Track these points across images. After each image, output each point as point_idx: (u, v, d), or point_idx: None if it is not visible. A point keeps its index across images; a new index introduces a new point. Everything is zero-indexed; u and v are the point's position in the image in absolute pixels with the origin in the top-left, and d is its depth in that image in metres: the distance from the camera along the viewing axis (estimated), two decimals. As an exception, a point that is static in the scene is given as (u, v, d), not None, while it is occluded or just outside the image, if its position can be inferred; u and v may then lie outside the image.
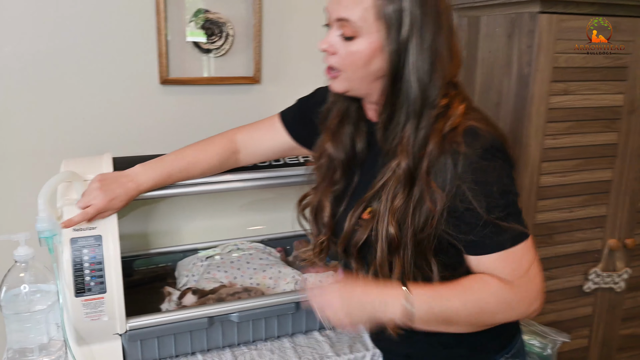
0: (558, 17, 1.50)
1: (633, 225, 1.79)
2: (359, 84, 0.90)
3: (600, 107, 1.63)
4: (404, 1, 0.82)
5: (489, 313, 0.88)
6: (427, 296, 0.86)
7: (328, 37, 0.89)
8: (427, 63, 0.84)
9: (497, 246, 0.86)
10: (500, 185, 0.84)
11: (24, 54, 1.44)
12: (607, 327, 1.87)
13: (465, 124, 0.85)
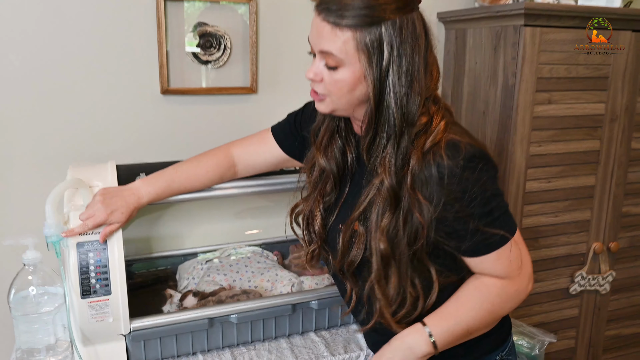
0: (541, 30, 1.52)
1: (617, 229, 1.80)
2: (345, 107, 0.92)
3: (583, 115, 1.65)
4: (382, 30, 0.83)
5: (498, 309, 0.95)
6: (441, 321, 0.93)
7: (313, 67, 0.90)
8: (405, 86, 0.86)
9: (487, 248, 0.90)
10: (484, 192, 0.87)
11: (31, 65, 1.45)
12: (593, 328, 1.87)
13: (447, 138, 0.87)
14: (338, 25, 0.84)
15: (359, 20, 0.83)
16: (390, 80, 0.85)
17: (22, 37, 1.43)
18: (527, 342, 1.52)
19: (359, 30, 0.83)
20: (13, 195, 1.49)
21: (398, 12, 0.84)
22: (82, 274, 1.05)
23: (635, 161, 1.77)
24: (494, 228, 0.89)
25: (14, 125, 1.47)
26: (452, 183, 0.85)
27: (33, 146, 1.50)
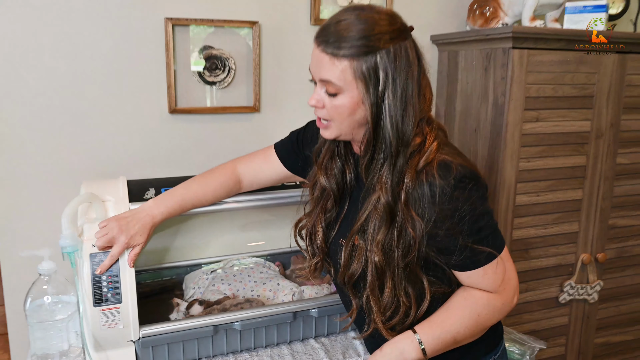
0: (528, 52, 1.54)
1: (603, 240, 1.80)
2: (347, 130, 0.94)
3: (570, 132, 1.65)
4: (377, 59, 0.86)
5: (484, 320, 0.96)
6: (430, 329, 0.95)
7: (315, 94, 0.93)
8: (400, 109, 0.88)
9: (475, 264, 0.92)
10: (473, 211, 0.89)
11: (48, 87, 1.47)
12: (582, 336, 1.87)
13: (439, 159, 0.89)
14: (336, 55, 0.86)
15: (355, 50, 0.85)
16: (386, 104, 0.88)
17: (39, 62, 1.46)
18: (518, 348, 1.52)
19: (356, 59, 0.86)
20: (30, 209, 1.51)
21: (392, 42, 0.86)
22: (94, 284, 1.07)
23: (621, 175, 1.78)
24: (482, 245, 0.91)
25: (32, 144, 1.49)
26: (443, 201, 0.87)
27: (49, 163, 1.51)
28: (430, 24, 1.87)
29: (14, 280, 1.52)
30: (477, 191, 0.90)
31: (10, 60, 1.44)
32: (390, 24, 0.88)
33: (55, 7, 1.45)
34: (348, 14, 0.88)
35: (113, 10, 1.50)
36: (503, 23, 1.73)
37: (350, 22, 0.87)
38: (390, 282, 0.94)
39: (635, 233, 1.87)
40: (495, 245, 0.93)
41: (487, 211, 0.92)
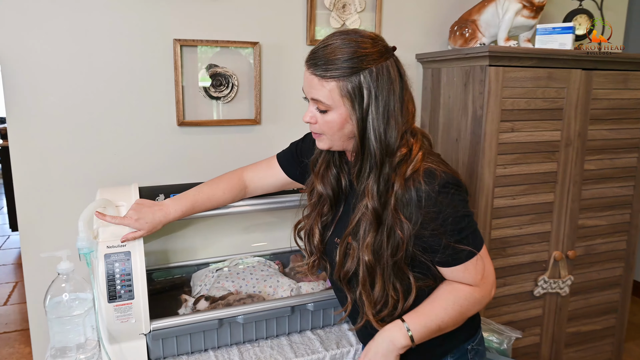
0: (503, 69, 1.55)
1: (574, 239, 1.81)
2: (338, 142, 0.96)
3: (542, 141, 1.67)
4: (361, 78, 0.88)
5: (465, 310, 0.97)
6: (418, 318, 0.96)
7: (308, 112, 0.96)
8: (383, 123, 0.90)
9: (457, 261, 0.94)
10: (456, 213, 0.90)
11: (68, 103, 1.47)
12: (555, 326, 1.87)
13: (424, 167, 0.91)
14: (324, 77, 0.89)
15: (341, 72, 0.88)
16: (370, 119, 0.90)
17: (59, 81, 1.46)
18: (496, 337, 1.52)
19: (342, 80, 0.88)
20: (50, 214, 1.51)
21: (374, 62, 0.88)
22: (109, 281, 1.07)
23: (588, 180, 1.79)
24: (463, 244, 0.92)
25: (53, 155, 1.49)
26: (428, 205, 0.89)
27: (69, 172, 1.51)
28: (415, 44, 1.88)
29: (35, 279, 1.51)
30: (458, 195, 0.91)
31: (35, 83, 1.44)
32: (373, 46, 0.90)
33: (75, 29, 1.46)
34: (334, 39, 0.91)
35: (127, 33, 1.51)
36: (481, 43, 1.74)
37: (336, 46, 0.89)
38: (380, 278, 0.95)
39: (601, 232, 1.88)
40: (475, 243, 0.94)
41: (468, 213, 0.93)
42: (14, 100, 1.43)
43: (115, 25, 1.49)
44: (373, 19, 1.78)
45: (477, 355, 1.06)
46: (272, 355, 1.20)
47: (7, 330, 2.66)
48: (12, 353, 2.43)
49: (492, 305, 1.74)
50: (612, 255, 1.92)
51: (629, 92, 1.78)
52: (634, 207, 1.91)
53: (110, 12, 1.48)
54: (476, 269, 0.95)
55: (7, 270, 3.52)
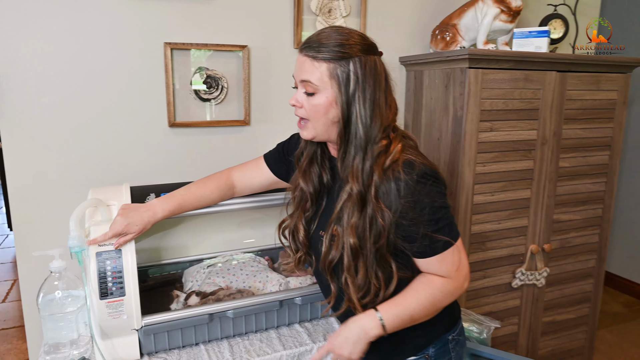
0: (482, 71, 1.55)
1: (549, 233, 1.82)
2: (322, 129, 0.95)
3: (519, 140, 1.67)
4: (350, 65, 0.89)
5: (438, 302, 0.96)
6: (391, 308, 0.94)
7: (296, 95, 0.95)
8: (369, 110, 0.90)
9: (433, 252, 0.93)
10: (433, 204, 0.89)
11: (58, 104, 1.45)
12: (532, 316, 1.88)
13: (404, 158, 0.90)
14: (316, 58, 0.90)
15: (332, 55, 0.89)
16: (355, 104, 0.90)
17: (51, 83, 1.43)
18: (476, 327, 1.52)
19: (332, 62, 0.89)
20: (44, 214, 1.48)
21: (363, 53, 0.90)
22: (100, 279, 1.05)
23: (563, 177, 1.80)
24: (439, 234, 0.91)
25: (45, 155, 1.46)
26: (407, 194, 0.88)
27: (61, 173, 1.48)
28: (399, 47, 1.87)
29: (29, 277, 1.48)
30: (436, 187, 0.90)
31: (27, 85, 1.41)
32: (363, 39, 0.93)
33: (67, 33, 1.43)
34: (328, 29, 0.94)
35: (119, 37, 1.48)
36: (461, 46, 1.74)
37: (329, 33, 0.92)
38: (363, 265, 0.94)
39: (575, 226, 1.89)
40: (451, 235, 0.93)
41: (445, 205, 0.92)
42: (6, 103, 1.40)
43: (107, 28, 1.47)
44: (358, 23, 1.77)
45: (457, 345, 1.06)
46: (261, 348, 1.19)
47: (5, 327, 2.63)
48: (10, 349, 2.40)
49: (472, 297, 1.75)
50: (586, 248, 1.94)
51: (601, 93, 1.79)
52: (606, 202, 1.92)
53: (102, 16, 1.45)
54: (452, 260, 0.94)
55: (5, 268, 3.47)
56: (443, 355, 1.04)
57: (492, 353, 1.40)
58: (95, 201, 1.10)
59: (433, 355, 1.03)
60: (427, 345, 1.03)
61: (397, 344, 1.02)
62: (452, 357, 1.05)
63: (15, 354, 2.34)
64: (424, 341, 1.03)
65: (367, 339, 0.94)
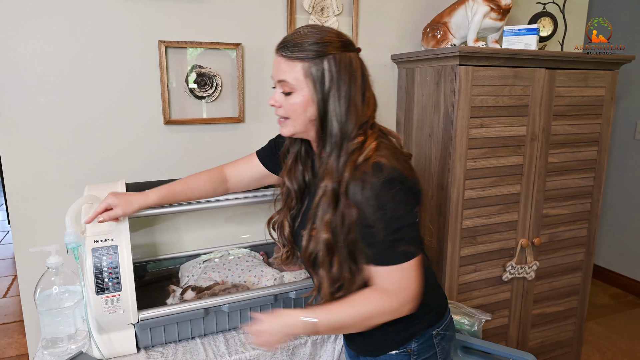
0: (473, 68, 1.55)
1: (539, 227, 1.82)
2: (301, 127, 0.95)
3: (509, 136, 1.67)
4: (325, 63, 0.89)
5: (373, 319, 0.92)
6: (325, 314, 0.90)
7: (274, 95, 0.95)
8: (344, 107, 0.89)
9: (385, 262, 0.88)
10: (395, 212, 0.85)
11: (55, 102, 1.44)
12: (522, 308, 1.89)
13: (374, 159, 0.87)
14: (290, 57, 0.90)
15: (307, 54, 0.89)
16: (331, 101, 0.90)
17: (48, 82, 1.43)
18: (467, 320, 1.53)
19: (307, 61, 0.89)
20: (41, 210, 1.47)
21: (337, 50, 0.90)
22: (96, 274, 1.05)
23: (552, 172, 1.80)
24: (395, 244, 0.87)
25: (42, 153, 1.45)
26: (370, 197, 0.85)
27: (58, 170, 1.48)
28: (390, 45, 1.87)
29: (28, 273, 1.48)
30: (403, 194, 0.86)
31: (24, 84, 1.40)
32: (338, 37, 0.92)
33: (63, 30, 1.42)
34: (303, 27, 0.94)
35: (114, 35, 1.47)
36: (451, 44, 1.74)
37: (304, 32, 0.91)
38: (337, 260, 0.93)
39: (564, 221, 1.89)
40: (407, 251, 0.88)
41: (408, 217, 0.87)
42: (3, 101, 1.39)
43: (102, 28, 1.46)
44: (350, 21, 1.76)
45: (443, 340, 1.04)
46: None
47: (6, 321, 2.62)
48: (10, 343, 2.40)
49: (464, 290, 1.75)
50: (574, 242, 1.94)
51: (589, 89, 1.80)
52: (594, 197, 1.93)
53: (98, 16, 1.44)
54: (401, 277, 0.88)
55: (6, 264, 3.46)
56: (427, 350, 1.02)
57: (483, 345, 1.41)
58: (91, 197, 1.10)
59: (416, 350, 1.01)
60: (409, 340, 1.01)
61: (377, 338, 1.01)
62: (438, 352, 1.03)
63: (16, 348, 2.34)
64: (406, 336, 1.00)
65: (290, 337, 0.93)
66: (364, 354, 1.06)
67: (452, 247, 1.68)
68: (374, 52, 1.83)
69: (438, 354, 1.03)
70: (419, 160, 1.80)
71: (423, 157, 1.77)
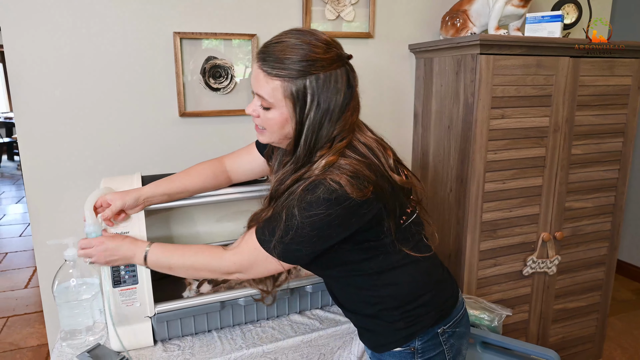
0: (494, 57, 1.51)
1: (561, 221, 1.79)
2: (278, 140, 0.93)
3: (531, 127, 1.63)
4: (307, 83, 0.83)
5: (199, 270, 0.97)
6: (159, 251, 0.99)
7: (252, 104, 0.92)
8: (316, 130, 0.86)
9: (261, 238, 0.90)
10: (305, 226, 0.84)
11: (71, 96, 1.44)
12: (543, 303, 1.86)
13: (322, 176, 0.85)
14: (270, 74, 0.85)
15: (288, 72, 0.83)
16: (307, 124, 0.86)
17: (64, 75, 1.43)
18: (487, 315, 1.51)
19: (287, 80, 0.84)
20: (59, 203, 1.48)
21: (323, 69, 0.84)
22: (113, 267, 1.05)
23: (575, 164, 1.76)
24: (282, 235, 0.87)
25: (59, 147, 1.46)
26: (292, 204, 0.86)
27: (76, 163, 1.49)
28: (408, 35, 1.83)
29: (47, 265, 1.49)
30: (322, 217, 0.84)
31: (40, 78, 1.41)
32: (326, 51, 0.85)
33: (78, 23, 1.42)
34: (289, 36, 0.86)
35: (129, 27, 1.47)
36: (472, 32, 1.69)
37: (288, 44, 0.85)
38: None
39: (587, 214, 1.85)
40: (277, 248, 0.88)
41: (308, 232, 0.85)
42: (21, 96, 1.40)
43: (118, 19, 1.45)
44: (367, 12, 1.73)
45: (452, 337, 1.01)
46: (273, 335, 1.19)
47: (27, 311, 2.67)
48: (32, 333, 2.44)
49: (484, 285, 1.73)
50: (598, 236, 1.90)
51: (614, 78, 1.74)
52: (619, 190, 1.88)
53: (112, 7, 1.44)
54: (247, 249, 0.92)
55: (27, 255, 3.53)
56: (434, 348, 0.99)
57: (503, 341, 1.38)
58: (107, 189, 1.09)
59: (420, 348, 0.98)
60: (412, 338, 0.98)
61: (379, 334, 1.00)
62: (445, 349, 1.00)
63: (37, 338, 2.39)
64: (407, 334, 0.98)
65: (123, 261, 1.00)
66: (371, 349, 1.05)
67: (471, 241, 1.65)
68: (391, 42, 1.80)
69: (446, 352, 1.01)
70: (437, 152, 1.77)
71: (442, 149, 1.74)
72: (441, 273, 1.04)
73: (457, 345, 1.02)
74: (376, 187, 0.87)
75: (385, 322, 0.99)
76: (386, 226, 0.91)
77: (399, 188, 0.94)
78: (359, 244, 0.93)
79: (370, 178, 0.87)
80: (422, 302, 0.97)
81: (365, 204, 0.86)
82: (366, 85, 1.81)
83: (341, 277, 1.00)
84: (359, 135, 0.93)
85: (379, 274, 0.96)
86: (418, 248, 0.98)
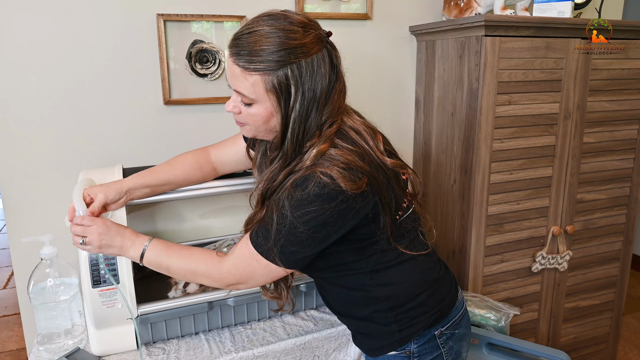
0: (500, 39, 1.50)
1: (572, 214, 1.78)
2: (263, 133, 0.93)
3: (539, 114, 1.62)
4: (288, 73, 0.82)
5: (198, 276, 0.97)
6: (161, 249, 0.98)
7: (231, 101, 0.91)
8: (303, 120, 0.86)
9: (255, 241, 0.90)
10: (299, 225, 0.85)
11: (48, 83, 1.43)
12: (554, 301, 1.86)
13: (311, 170, 0.85)
14: (247, 69, 0.83)
15: (266, 65, 0.82)
16: (293, 116, 0.86)
17: (40, 60, 1.41)
18: (494, 315, 1.51)
19: (267, 73, 0.82)
20: (34, 197, 1.47)
21: (303, 56, 0.83)
22: (92, 266, 1.04)
23: (587, 153, 1.75)
24: (276, 237, 0.87)
25: (35, 137, 1.45)
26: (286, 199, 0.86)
27: (52, 155, 1.47)
28: (408, 16, 1.82)
29: (23, 264, 1.48)
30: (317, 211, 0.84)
31: (15, 63, 1.40)
32: (304, 35, 0.83)
33: (53, 6, 1.40)
34: (261, 24, 0.84)
35: (108, 8, 1.45)
36: (476, 13, 1.68)
37: (262, 34, 0.82)
38: None
39: (600, 207, 1.85)
40: (274, 252, 0.88)
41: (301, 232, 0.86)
42: (-7, 81, 1.38)
43: (97, 1, 1.43)
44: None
45: (451, 339, 1.01)
46: (264, 337, 1.19)
47: (6, 313, 2.68)
48: (10, 336, 2.44)
49: (490, 282, 1.73)
50: (612, 230, 1.90)
51: (629, 61, 1.73)
52: (634, 180, 1.88)
53: (90, -13, 1.42)
54: (243, 257, 0.91)
55: (6, 254, 3.53)
56: (431, 351, 0.99)
57: (511, 342, 1.38)
58: (90, 181, 1.08)
59: (416, 352, 0.98)
60: (407, 341, 0.98)
61: (373, 338, 1.00)
62: (444, 352, 1.00)
63: (16, 341, 2.39)
64: (402, 337, 0.98)
65: (118, 252, 0.98)
66: (365, 352, 1.05)
67: (476, 236, 1.65)
68: (391, 24, 1.78)
69: (444, 355, 1.00)
70: (439, 141, 1.77)
71: (445, 137, 1.73)
72: (438, 271, 1.04)
73: (456, 347, 1.02)
74: (370, 179, 0.87)
75: (378, 324, 0.99)
76: (382, 222, 0.91)
77: (395, 181, 0.93)
78: (354, 243, 0.92)
79: (364, 169, 0.86)
80: (418, 303, 0.97)
81: (360, 197, 0.86)
82: (364, 70, 1.79)
83: (333, 278, 1.00)
84: (347, 120, 0.92)
85: (372, 274, 0.96)
86: (414, 245, 0.98)
